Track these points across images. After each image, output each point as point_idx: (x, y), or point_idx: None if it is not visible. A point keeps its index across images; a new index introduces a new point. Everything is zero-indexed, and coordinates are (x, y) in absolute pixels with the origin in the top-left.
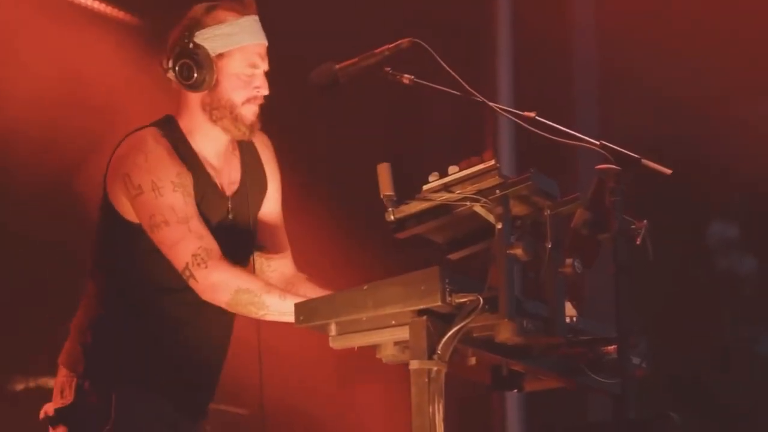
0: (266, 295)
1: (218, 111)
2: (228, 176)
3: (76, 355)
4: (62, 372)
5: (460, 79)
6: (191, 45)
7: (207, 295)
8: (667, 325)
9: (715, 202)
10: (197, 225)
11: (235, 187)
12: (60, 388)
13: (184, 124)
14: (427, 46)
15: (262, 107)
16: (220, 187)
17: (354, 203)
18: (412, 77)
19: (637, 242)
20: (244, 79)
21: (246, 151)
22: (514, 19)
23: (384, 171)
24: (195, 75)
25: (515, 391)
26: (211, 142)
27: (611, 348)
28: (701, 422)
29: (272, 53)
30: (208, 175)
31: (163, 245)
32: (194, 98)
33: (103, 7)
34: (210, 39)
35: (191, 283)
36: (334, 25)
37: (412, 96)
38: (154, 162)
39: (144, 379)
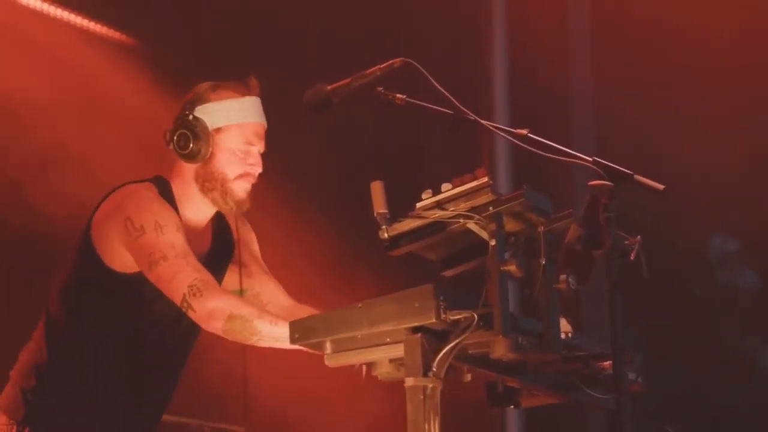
0: (258, 320)
1: (210, 183)
2: (200, 246)
3: (17, 401)
4: (1, 419)
5: (452, 98)
6: (191, 117)
7: (204, 324)
8: (667, 338)
9: (715, 216)
10: (194, 260)
11: (203, 255)
12: None
13: (176, 189)
14: (418, 65)
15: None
16: None
17: (348, 221)
18: (405, 97)
19: (631, 258)
20: (239, 156)
21: (217, 223)
22: (509, 37)
23: (377, 189)
24: (191, 145)
25: (511, 407)
26: (196, 212)
27: (606, 363)
28: None
29: (265, 74)
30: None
31: (161, 281)
32: (188, 168)
33: (99, 28)
34: (210, 113)
35: (190, 314)
36: (327, 44)
37: (406, 114)
38: (158, 207)
39: (91, 422)
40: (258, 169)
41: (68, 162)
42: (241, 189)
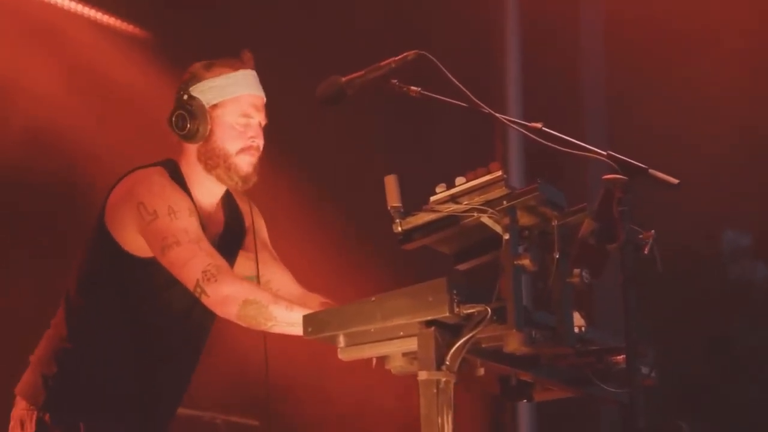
0: (273, 305)
1: (212, 160)
2: (214, 227)
3: (37, 386)
4: (21, 404)
5: (466, 91)
6: (186, 97)
7: (218, 309)
8: (679, 332)
9: (728, 210)
10: (208, 245)
11: (216, 238)
12: (20, 421)
13: (185, 171)
14: (432, 57)
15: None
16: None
17: (362, 215)
18: (419, 89)
19: (645, 252)
20: (239, 129)
21: (227, 205)
22: (523, 30)
23: (391, 183)
24: (188, 125)
25: (524, 401)
26: (206, 194)
27: (620, 358)
28: (713, 430)
29: (279, 68)
30: (201, 225)
31: (174, 266)
32: (191, 149)
33: (111, 20)
34: (205, 91)
35: (203, 299)
36: (341, 38)
37: (420, 107)
38: (170, 191)
39: (111, 408)
40: (260, 141)
41: (80, 149)
42: (245, 163)
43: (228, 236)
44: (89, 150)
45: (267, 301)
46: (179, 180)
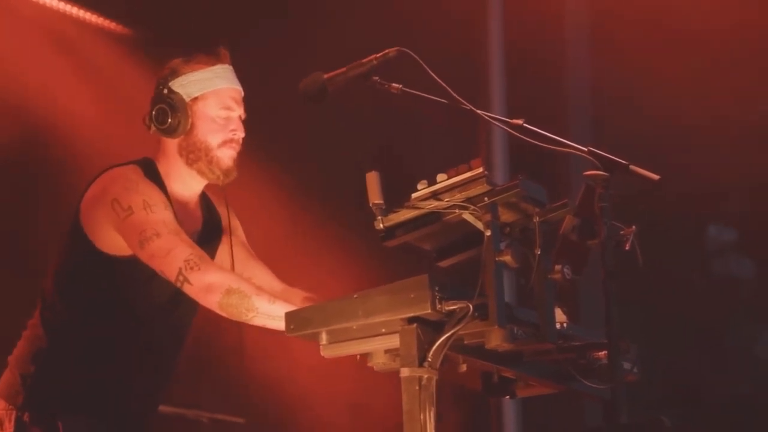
0: (256, 296)
1: (194, 154)
2: (192, 225)
3: (16, 386)
4: (0, 404)
5: (447, 88)
6: (166, 91)
7: (200, 297)
8: (664, 327)
9: (711, 205)
10: (187, 237)
11: (195, 235)
12: None
13: (161, 168)
14: (414, 54)
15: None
16: None
17: (343, 211)
18: (401, 86)
19: (626, 248)
20: (220, 122)
21: (205, 205)
22: (506, 26)
23: (373, 179)
24: (169, 119)
25: (507, 397)
26: (185, 190)
27: (602, 353)
28: (697, 425)
29: (261, 63)
30: (179, 221)
31: (155, 257)
32: (171, 144)
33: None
34: (185, 85)
35: (185, 287)
36: (323, 33)
37: (403, 103)
38: (144, 187)
39: (90, 407)
40: (240, 134)
41: (59, 145)
42: (226, 156)
43: (206, 234)
44: (68, 145)
45: (250, 292)
46: (155, 177)
